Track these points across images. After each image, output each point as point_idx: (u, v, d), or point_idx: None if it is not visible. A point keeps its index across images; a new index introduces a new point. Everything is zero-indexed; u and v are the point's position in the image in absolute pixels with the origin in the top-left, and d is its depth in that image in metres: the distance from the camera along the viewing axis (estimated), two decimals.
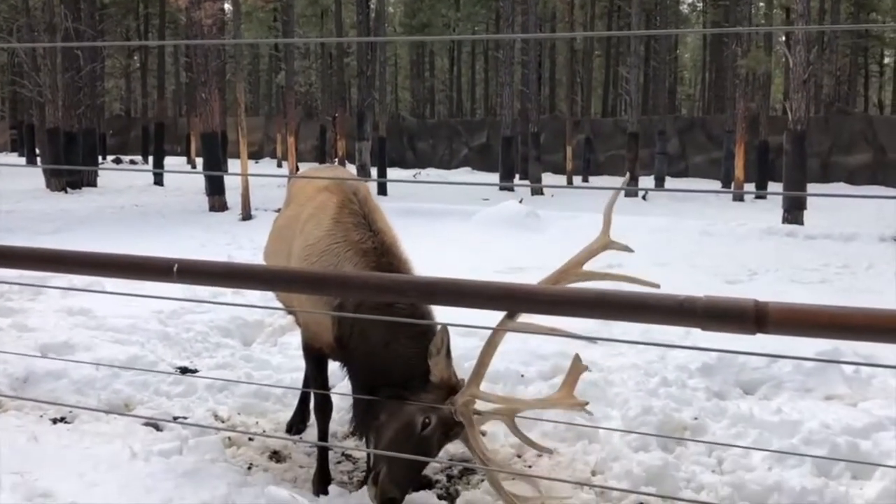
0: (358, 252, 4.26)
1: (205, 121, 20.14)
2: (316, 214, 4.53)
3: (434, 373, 3.96)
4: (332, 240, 4.34)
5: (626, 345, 6.68)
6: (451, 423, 3.95)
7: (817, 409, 5.60)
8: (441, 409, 3.91)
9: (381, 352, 4.08)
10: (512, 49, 29.95)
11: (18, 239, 12.87)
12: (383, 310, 3.93)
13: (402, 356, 4.04)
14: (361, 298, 3.93)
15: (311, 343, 4.64)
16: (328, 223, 4.40)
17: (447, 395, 3.95)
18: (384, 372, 4.07)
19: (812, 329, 2.28)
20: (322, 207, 4.53)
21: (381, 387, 4.06)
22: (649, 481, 4.59)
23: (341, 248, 4.30)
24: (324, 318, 4.30)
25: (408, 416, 3.95)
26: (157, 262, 2.90)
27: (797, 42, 17.34)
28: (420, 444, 3.93)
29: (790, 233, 14.95)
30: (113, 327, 7.25)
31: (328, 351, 4.53)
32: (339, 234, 4.34)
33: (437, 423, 3.93)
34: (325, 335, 4.41)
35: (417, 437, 3.93)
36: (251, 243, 12.97)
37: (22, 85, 29.47)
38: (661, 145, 30.95)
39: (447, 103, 59.26)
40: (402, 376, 4.03)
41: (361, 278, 3.39)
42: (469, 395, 3.88)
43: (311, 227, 4.50)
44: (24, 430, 5.20)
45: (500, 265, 10.96)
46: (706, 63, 52.21)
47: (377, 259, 4.23)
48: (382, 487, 3.93)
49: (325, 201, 4.55)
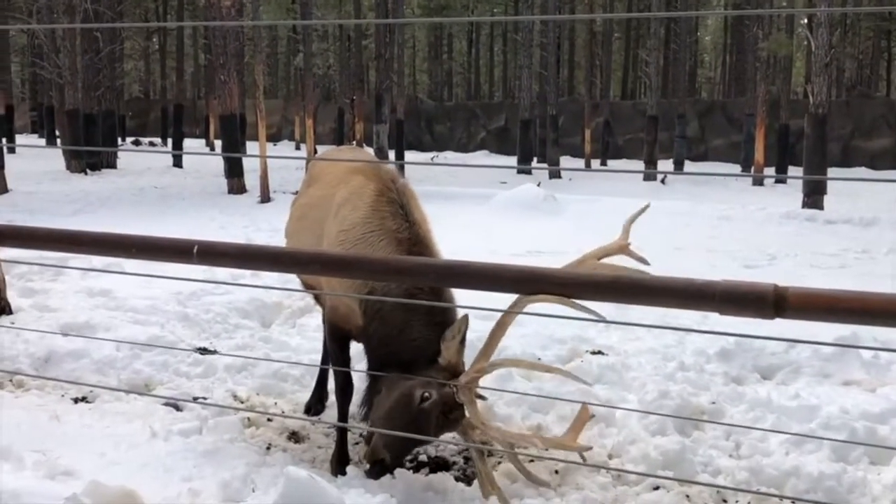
0: (393, 241, 4.26)
1: (223, 103, 20.17)
2: (351, 199, 4.51)
3: (444, 356, 3.98)
4: (368, 228, 4.34)
5: (643, 329, 6.67)
6: (452, 403, 3.96)
7: (835, 395, 5.58)
8: (442, 385, 3.93)
9: (396, 335, 4.12)
10: (531, 31, 29.82)
11: (39, 220, 12.97)
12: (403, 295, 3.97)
13: (415, 340, 4.08)
14: (382, 281, 3.95)
15: (339, 324, 4.64)
16: (365, 210, 4.39)
17: (449, 378, 3.96)
18: (394, 353, 4.11)
19: (831, 314, 2.28)
20: (358, 193, 4.51)
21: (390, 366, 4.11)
22: (666, 465, 4.59)
23: (376, 236, 4.30)
24: (354, 301, 4.31)
25: (407, 388, 3.99)
26: (177, 244, 2.93)
27: (819, 24, 17.18)
28: (418, 417, 3.96)
29: (810, 217, 14.86)
30: (133, 308, 7.30)
31: (356, 332, 4.55)
32: (376, 222, 4.34)
33: (436, 399, 3.95)
34: (354, 317, 4.42)
35: (416, 409, 3.96)
36: (269, 225, 13.01)
37: (42, 67, 29.63)
38: (681, 129, 30.76)
39: (465, 86, 59.05)
40: (412, 357, 4.07)
41: (381, 261, 3.40)
42: (473, 372, 3.89)
43: (346, 211, 4.48)
44: (46, 409, 5.25)
45: (517, 249, 10.95)
46: (727, 46, 51.76)
47: (409, 249, 4.24)
48: (374, 448, 4.03)
49: (362, 186, 4.53)
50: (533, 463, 4.60)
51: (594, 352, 6.41)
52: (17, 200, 16.57)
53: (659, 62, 30.24)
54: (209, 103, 38.58)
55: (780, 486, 4.41)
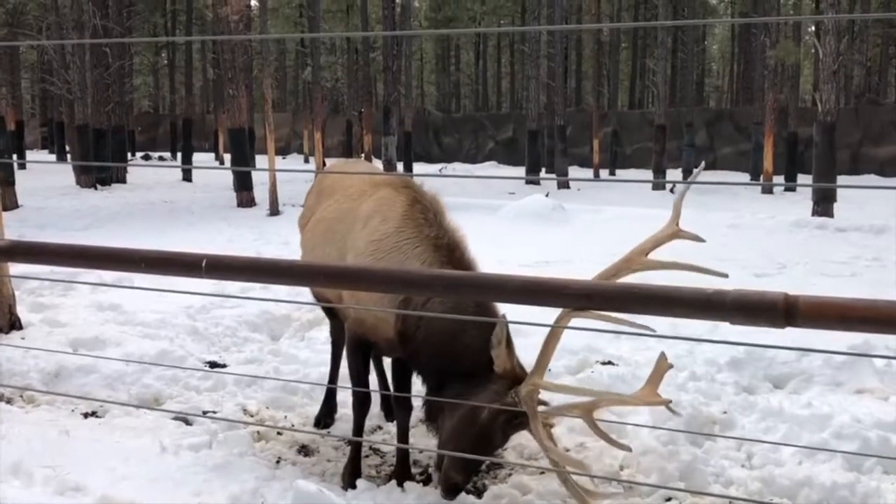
0: (430, 248, 4.26)
1: (232, 117, 20.24)
2: (381, 210, 4.50)
3: (497, 364, 3.98)
4: (403, 236, 4.33)
5: (653, 339, 6.63)
6: (516, 413, 3.97)
7: (848, 403, 5.54)
8: (504, 403, 3.93)
9: (450, 342, 4.10)
10: (538, 42, 29.86)
11: (49, 235, 13.02)
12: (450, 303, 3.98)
13: (471, 346, 4.06)
14: (392, 292, 3.94)
15: (365, 337, 4.59)
16: (397, 220, 4.39)
17: (511, 385, 3.97)
18: (452, 361, 4.08)
19: (842, 322, 2.26)
20: (388, 204, 4.50)
21: (448, 378, 4.10)
22: (678, 476, 4.56)
23: (411, 244, 4.29)
24: (385, 314, 4.30)
25: (470, 408, 3.97)
26: (186, 258, 2.92)
27: (827, 32, 17.14)
28: (484, 433, 3.99)
29: (820, 225, 14.79)
30: (142, 322, 7.32)
31: (384, 345, 4.52)
32: (410, 231, 4.33)
33: (502, 411, 3.96)
34: (384, 329, 4.40)
35: (480, 426, 3.98)
36: (279, 238, 13.03)
37: (51, 83, 29.82)
38: (689, 137, 30.72)
39: (473, 97, 59.18)
40: (470, 366, 4.05)
41: (387, 273, 3.38)
42: (532, 384, 3.90)
43: (376, 222, 4.47)
44: (56, 424, 5.26)
45: (526, 259, 10.94)
46: (734, 54, 51.72)
47: (449, 254, 4.25)
48: (446, 473, 4.01)
49: (391, 197, 4.53)
50: (543, 475, 4.58)
51: (604, 362, 6.38)
52: (28, 216, 16.63)
53: (666, 71, 30.23)
54: (218, 117, 38.76)
55: (793, 497, 4.38)
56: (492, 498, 4.34)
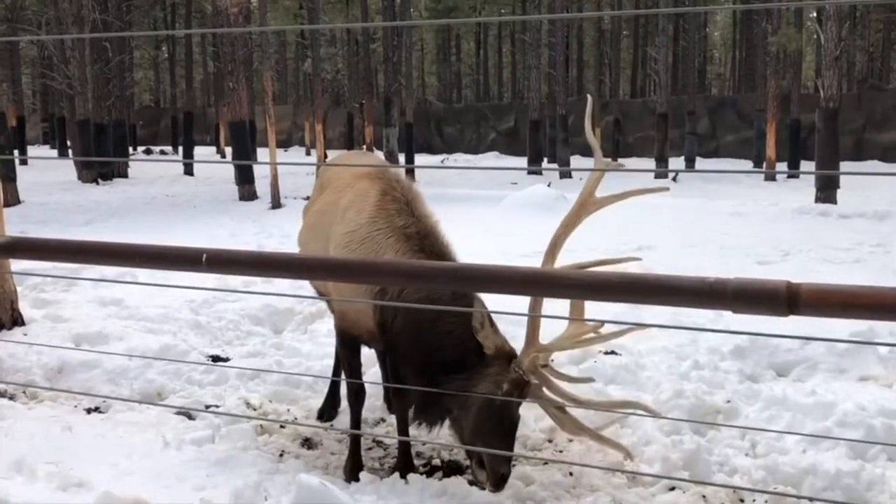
0: (401, 238, 4.28)
1: (233, 110, 20.19)
2: (356, 202, 4.53)
3: (486, 346, 4.01)
4: (375, 226, 4.36)
5: (656, 328, 6.62)
6: (523, 383, 4.03)
7: (852, 391, 5.53)
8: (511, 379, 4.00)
9: (429, 330, 4.11)
10: (539, 31, 29.79)
11: (51, 231, 13.03)
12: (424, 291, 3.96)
13: (451, 333, 4.08)
14: (394, 285, 3.95)
15: (348, 331, 4.64)
16: (370, 210, 4.41)
17: (507, 363, 4.02)
18: (436, 351, 4.09)
19: (846, 310, 2.24)
20: (363, 195, 4.53)
21: (437, 372, 4.09)
22: (682, 465, 4.56)
23: (383, 234, 4.32)
24: (364, 306, 4.31)
25: (483, 398, 4.00)
26: (186, 252, 2.91)
27: (829, 18, 17.07)
28: (504, 413, 4.03)
29: (823, 212, 14.76)
30: (145, 317, 7.31)
31: (367, 338, 4.54)
32: (382, 221, 4.36)
33: (510, 387, 4.01)
34: (365, 322, 4.41)
35: (499, 408, 4.00)
36: (280, 231, 13.01)
37: (52, 78, 29.78)
38: (691, 125, 30.65)
39: (474, 87, 59.03)
40: (457, 354, 4.07)
41: (389, 265, 3.37)
42: (533, 353, 3.93)
43: (351, 214, 4.50)
44: (59, 420, 5.26)
45: (528, 249, 10.89)
46: (736, 41, 51.57)
47: (420, 242, 4.27)
48: (492, 468, 4.01)
49: (367, 189, 4.56)
50: (547, 465, 4.58)
51: (607, 352, 6.36)
52: (29, 212, 16.62)
53: (668, 59, 30.12)
54: (219, 111, 38.71)
55: (798, 485, 4.37)
56: None
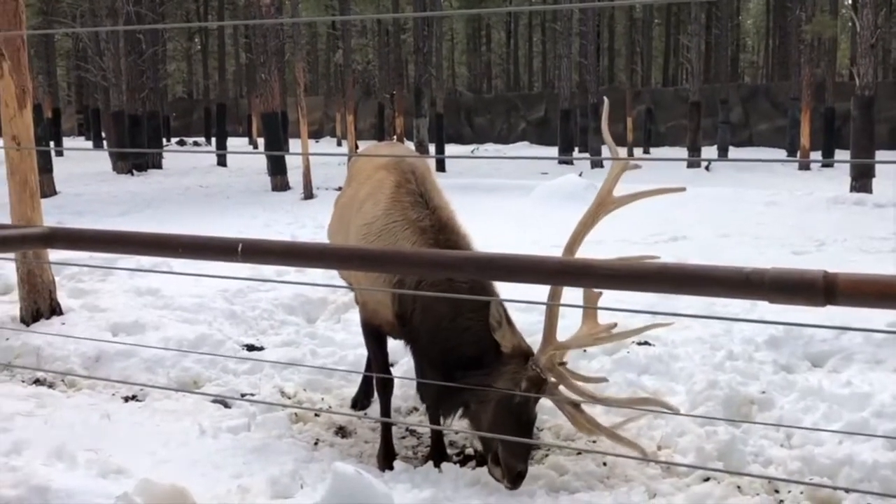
0: (416, 230, 4.30)
1: (265, 101, 20.32)
2: (373, 194, 4.58)
3: (503, 344, 4.02)
4: (390, 219, 4.39)
5: (690, 318, 6.58)
6: (540, 381, 4.05)
7: (889, 381, 5.45)
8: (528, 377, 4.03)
9: (448, 326, 4.13)
10: (570, 20, 29.62)
11: (87, 221, 13.18)
12: (443, 285, 3.97)
13: (470, 329, 4.09)
14: (420, 276, 3.97)
15: (370, 321, 4.70)
16: (385, 202, 4.45)
17: (524, 361, 4.04)
18: (454, 348, 4.11)
19: (883, 300, 2.22)
20: (379, 187, 4.57)
21: (455, 367, 4.11)
22: (717, 456, 4.54)
23: (399, 226, 4.35)
24: (383, 296, 4.35)
25: (500, 394, 4.02)
26: (222, 243, 2.93)
27: (864, 5, 16.84)
28: (521, 410, 4.05)
29: (858, 201, 14.58)
30: (181, 306, 7.38)
31: (388, 329, 4.58)
32: (397, 214, 4.39)
33: (528, 385, 4.03)
34: (384, 312, 4.45)
35: (517, 406, 4.02)
36: (313, 222, 13.08)
37: (86, 70, 30.09)
38: (724, 114, 30.37)
39: (504, 77, 58.81)
40: (475, 351, 4.08)
41: (418, 255, 3.39)
42: (550, 352, 3.94)
43: (368, 206, 4.55)
44: (97, 408, 5.34)
45: (559, 240, 10.83)
46: (770, 29, 50.93)
47: (435, 236, 4.28)
48: (507, 465, 4.02)
49: (382, 180, 4.59)
50: (580, 455, 4.58)
51: (641, 342, 6.33)
52: (65, 202, 16.83)
53: (700, 47, 29.84)
54: (251, 102, 38.92)
55: (834, 476, 4.34)
56: (529, 478, 4.34)
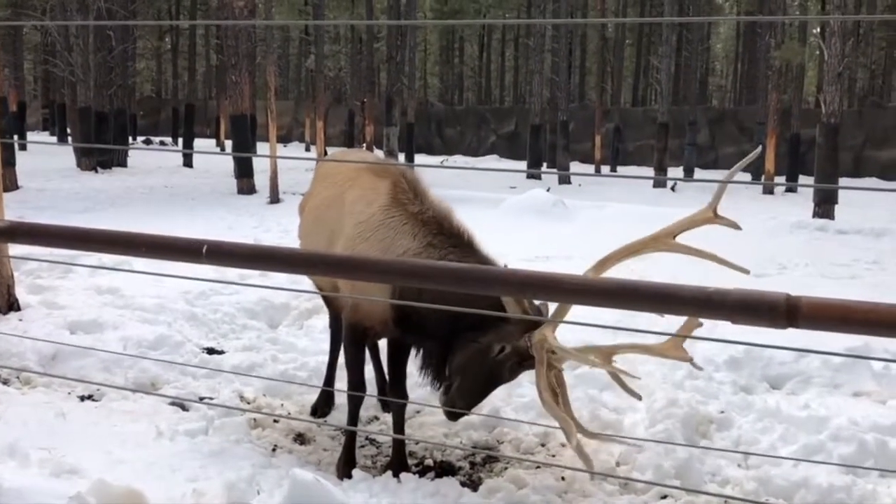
0: (417, 223, 4.33)
1: (234, 103, 20.21)
2: (365, 195, 4.57)
3: (509, 309, 4.01)
4: (388, 214, 4.41)
5: (652, 336, 6.61)
6: (527, 355, 4.03)
7: (845, 406, 5.54)
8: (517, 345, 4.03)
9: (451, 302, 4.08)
10: (542, 36, 29.80)
11: (48, 217, 13.00)
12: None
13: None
14: (396, 283, 3.92)
15: (361, 323, 4.58)
16: (382, 201, 4.46)
17: (527, 330, 4.02)
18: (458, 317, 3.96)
19: (844, 324, 2.25)
20: (372, 188, 4.57)
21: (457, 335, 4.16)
22: (674, 474, 4.56)
23: (398, 220, 4.36)
24: (379, 295, 4.32)
25: (485, 343, 4.08)
26: (186, 243, 2.91)
27: (832, 33, 17.11)
28: (493, 368, 4.10)
29: (821, 227, 14.78)
30: (141, 306, 7.31)
31: (380, 329, 4.53)
32: (396, 210, 4.41)
33: (511, 351, 4.05)
34: (380, 312, 4.41)
35: (491, 360, 4.08)
36: (278, 226, 13.01)
37: (54, 64, 29.69)
38: (691, 136, 30.69)
39: (476, 90, 59.00)
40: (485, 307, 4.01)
41: (387, 263, 3.38)
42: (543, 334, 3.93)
43: (361, 206, 4.54)
44: (52, 406, 5.26)
45: (526, 253, 10.91)
46: (739, 54, 51.61)
47: (439, 226, 4.31)
48: (451, 398, 4.13)
49: (374, 183, 4.59)
50: (539, 469, 4.59)
51: None
52: (28, 197, 16.59)
53: (670, 69, 30.13)
54: (220, 103, 38.65)
55: (789, 498, 4.39)
56: (487, 491, 4.34)
